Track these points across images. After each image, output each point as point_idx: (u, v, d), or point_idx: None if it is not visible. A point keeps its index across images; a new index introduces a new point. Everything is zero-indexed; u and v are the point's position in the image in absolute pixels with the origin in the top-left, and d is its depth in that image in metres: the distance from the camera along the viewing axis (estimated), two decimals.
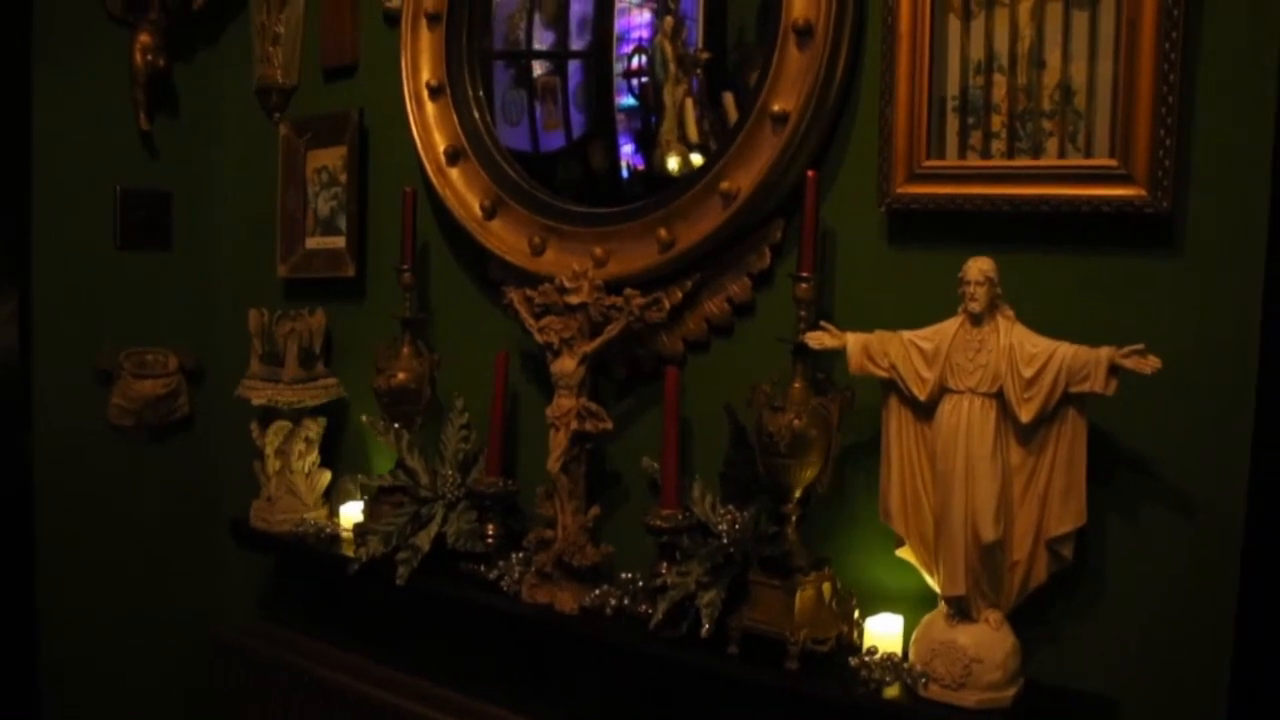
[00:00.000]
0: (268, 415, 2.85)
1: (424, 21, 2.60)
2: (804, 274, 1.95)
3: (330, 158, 2.93)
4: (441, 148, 2.56)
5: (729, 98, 2.27)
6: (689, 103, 2.32)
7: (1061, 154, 1.79)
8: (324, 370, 2.91)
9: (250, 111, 3.18)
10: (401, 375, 2.57)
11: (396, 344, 2.62)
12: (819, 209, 1.98)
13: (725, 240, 2.14)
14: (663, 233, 2.20)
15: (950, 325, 1.78)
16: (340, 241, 2.90)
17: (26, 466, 3.00)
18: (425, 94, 2.59)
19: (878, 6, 1.97)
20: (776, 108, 2.03)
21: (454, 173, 2.55)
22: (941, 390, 1.77)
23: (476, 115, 2.56)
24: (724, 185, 2.10)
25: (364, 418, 2.69)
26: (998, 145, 1.85)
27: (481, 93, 2.59)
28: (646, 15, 2.39)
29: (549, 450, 2.24)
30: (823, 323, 1.90)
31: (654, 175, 2.37)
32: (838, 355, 1.89)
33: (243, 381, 2.87)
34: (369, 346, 2.70)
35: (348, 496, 2.83)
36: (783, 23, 2.03)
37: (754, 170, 2.06)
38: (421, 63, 2.60)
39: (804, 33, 2.01)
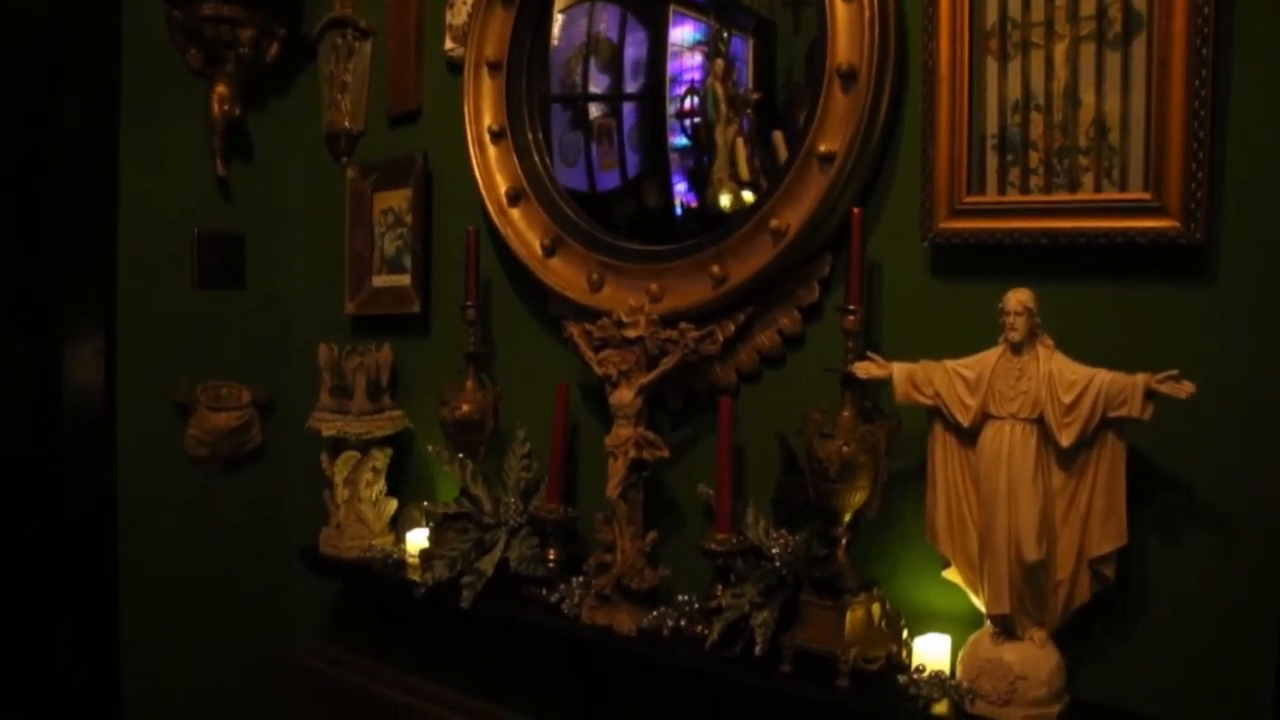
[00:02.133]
0: (337, 446, 2.99)
1: (485, 69, 2.75)
2: (851, 306, 2.05)
3: (396, 199, 3.09)
4: (503, 189, 2.70)
5: (779, 136, 2.37)
6: (740, 142, 2.44)
7: (1097, 188, 1.87)
8: (390, 403, 3.05)
9: (319, 156, 3.35)
10: (466, 407, 2.69)
11: (461, 377, 2.75)
12: (865, 244, 2.08)
13: (775, 275, 2.25)
14: (715, 269, 2.31)
15: (992, 354, 1.86)
16: (406, 279, 3.05)
17: (110, 497, 3.16)
18: (487, 138, 2.73)
19: (918, 50, 2.07)
20: (823, 148, 2.14)
21: (515, 213, 2.69)
22: (984, 416, 1.85)
23: (536, 158, 2.70)
24: (774, 223, 2.21)
25: (430, 447, 2.82)
26: (1036, 181, 1.94)
27: (540, 135, 2.73)
28: (698, 58, 2.51)
29: (608, 478, 2.35)
30: (870, 353, 2.00)
31: (706, 212, 2.48)
32: (884, 384, 1.99)
33: (313, 413, 3.01)
34: (434, 380, 2.83)
35: (413, 523, 2.96)
36: (827, 67, 2.14)
37: (802, 208, 2.17)
38: (483, 108, 2.75)
39: (848, 76, 2.12)
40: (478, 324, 2.74)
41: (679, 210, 2.57)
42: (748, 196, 2.40)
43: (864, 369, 1.99)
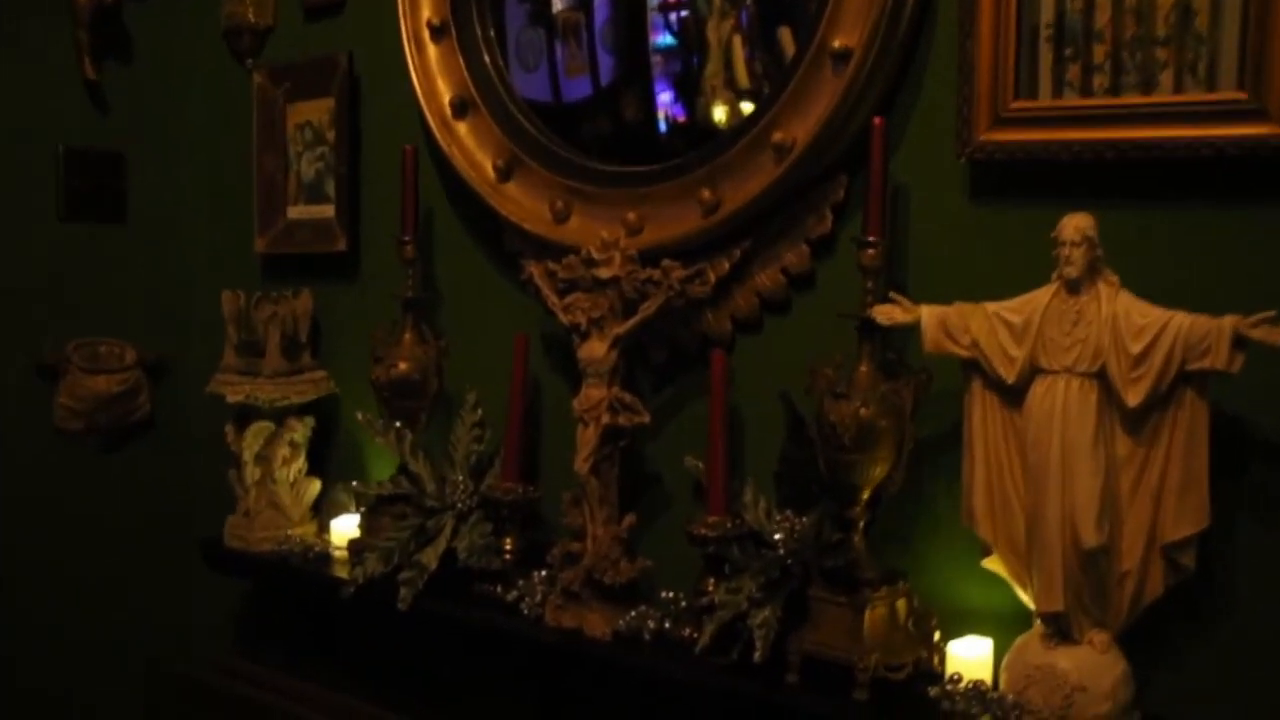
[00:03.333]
0: (245, 415, 2.98)
1: None
2: (871, 238, 2.03)
3: (315, 111, 3.05)
4: (447, 98, 2.68)
5: (785, 33, 2.34)
6: (737, 40, 2.41)
7: (1178, 88, 1.85)
8: (311, 361, 3.04)
9: (218, 56, 3.30)
10: (403, 365, 2.68)
11: (397, 329, 2.73)
12: (888, 162, 2.06)
13: (779, 201, 2.23)
14: (706, 193, 2.29)
15: (1042, 294, 1.85)
16: (328, 210, 3.02)
17: None
18: (426, 34, 2.70)
19: None
20: (837, 44, 2.11)
21: (462, 127, 2.67)
22: (1033, 371, 1.84)
23: (487, 59, 2.67)
24: (777, 136, 2.19)
25: (359, 416, 2.80)
26: (1100, 80, 1.92)
27: (492, 32, 2.70)
28: None
29: (576, 449, 2.34)
30: (893, 294, 1.99)
31: (697, 128, 2.46)
32: (911, 332, 1.98)
33: (215, 376, 2.99)
34: (364, 332, 2.82)
35: (340, 509, 2.96)
36: None
37: (811, 118, 2.15)
38: None
39: None
40: (417, 264, 2.73)
41: (663, 125, 2.54)
42: (747, 108, 2.37)
43: (886, 314, 1.98)
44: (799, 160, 2.17)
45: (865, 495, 2.06)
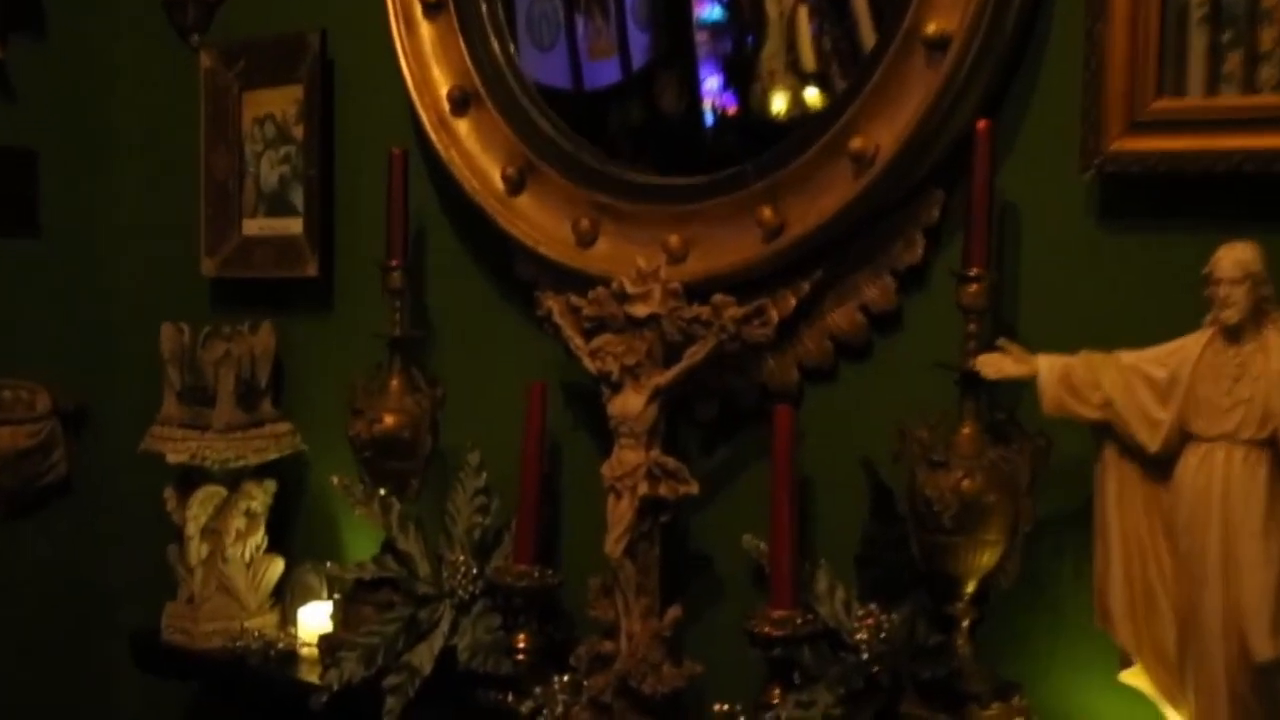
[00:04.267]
0: (190, 478, 2.99)
1: None
2: (973, 271, 2.04)
3: (278, 101, 3.08)
4: (444, 89, 2.69)
5: (860, 2, 2.35)
6: (803, 12, 2.43)
7: None
8: (273, 412, 3.05)
9: (156, 31, 3.34)
10: (389, 419, 2.69)
11: (381, 374, 2.75)
12: (995, 176, 2.07)
13: (858, 222, 2.24)
14: (767, 212, 2.30)
15: (1193, 343, 1.85)
16: (296, 225, 3.05)
17: None
18: (419, 10, 2.72)
19: None
20: (932, 29, 2.12)
21: (462, 126, 2.69)
22: (1182, 437, 1.84)
23: (494, 41, 2.69)
24: (855, 143, 2.19)
25: (335, 480, 2.80)
26: (1269, 73, 1.91)
27: (500, 7, 2.72)
28: None
29: (607, 526, 2.34)
30: (1002, 341, 1.99)
31: (751, 121, 2.48)
32: (1026, 387, 1.97)
33: (152, 429, 3.01)
34: (340, 377, 2.84)
35: (310, 595, 2.97)
36: None
37: (899, 121, 2.15)
38: None
39: None
40: (406, 294, 2.74)
41: (710, 117, 2.57)
42: (813, 98, 2.39)
43: (993, 365, 1.97)
44: (883, 173, 2.18)
45: (970, 587, 2.06)
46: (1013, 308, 2.14)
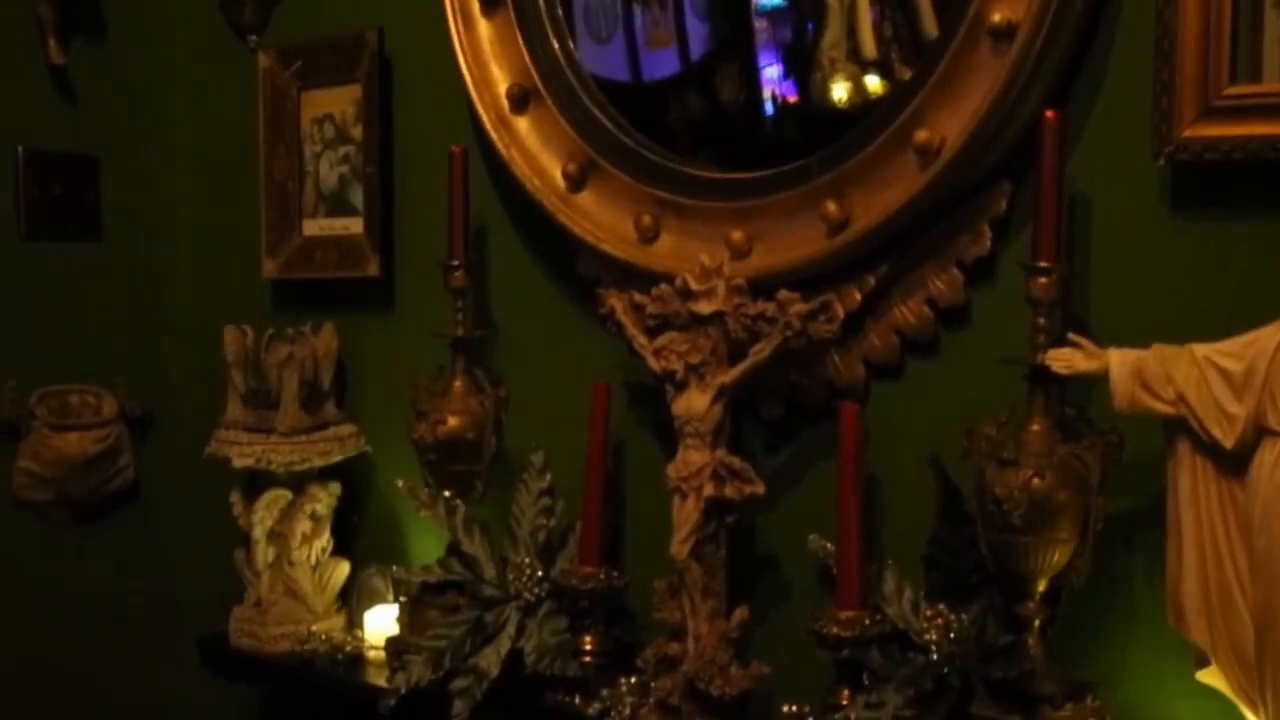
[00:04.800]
0: (256, 482, 3.03)
1: None
2: (1043, 263, 2.03)
3: (337, 101, 3.11)
4: (503, 87, 2.72)
5: None
6: (863, 0, 2.42)
7: None
8: (336, 414, 3.09)
9: (214, 32, 3.37)
10: (453, 421, 2.71)
11: (444, 375, 2.77)
12: (1063, 166, 2.06)
13: (924, 215, 2.24)
14: (831, 206, 2.30)
15: (1270, 335, 1.84)
16: (356, 225, 3.08)
17: None
18: (476, 7, 2.75)
19: None
20: (997, 17, 2.11)
21: (522, 124, 2.71)
22: (1258, 433, 1.83)
23: (553, 37, 2.71)
24: (921, 135, 2.19)
25: (399, 483, 2.83)
26: None
27: (557, 1, 2.74)
28: None
29: (673, 527, 2.35)
30: (1072, 335, 1.99)
31: (812, 110, 2.49)
32: (1097, 383, 1.97)
33: (217, 434, 3.04)
34: (403, 379, 2.86)
35: (375, 598, 3.00)
36: None
37: (965, 111, 2.15)
38: None
39: None
40: (468, 293, 2.77)
41: (769, 107, 2.57)
42: (874, 85, 2.39)
43: (1064, 360, 1.97)
44: (950, 164, 2.18)
45: (1041, 586, 2.05)
46: (1083, 300, 2.14)
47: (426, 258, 2.89)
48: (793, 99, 2.54)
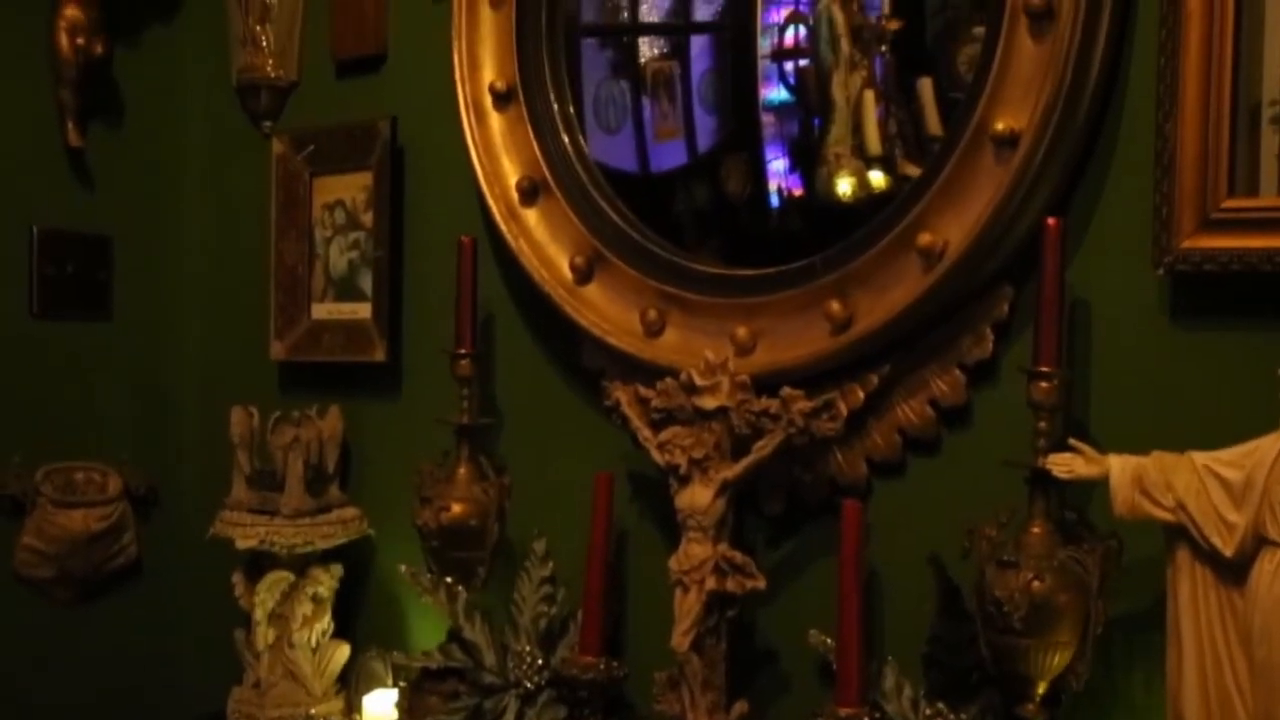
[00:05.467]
0: (258, 563, 3.04)
1: None
2: (1044, 368, 2.06)
3: (348, 188, 3.16)
4: (513, 179, 2.77)
5: (926, 86, 2.42)
6: (869, 97, 2.48)
7: None
8: (340, 496, 3.11)
9: (229, 119, 3.43)
10: (456, 508, 2.72)
11: (449, 461, 2.79)
12: (1064, 272, 2.09)
13: (927, 317, 2.28)
14: (835, 306, 2.34)
15: (1269, 444, 1.86)
16: (364, 310, 3.11)
17: None
18: (488, 101, 2.80)
19: None
20: (1000, 126, 2.16)
21: (531, 215, 2.75)
22: (1258, 542, 1.85)
23: (564, 133, 2.76)
24: (924, 238, 2.23)
25: (402, 569, 2.85)
26: None
27: (568, 94, 2.79)
28: None
29: (674, 619, 2.36)
30: (1073, 440, 2.02)
31: (816, 204, 2.53)
32: (1097, 487, 2.00)
33: (221, 514, 3.05)
34: (408, 464, 2.87)
35: (374, 682, 3.00)
36: (1009, 1, 2.16)
37: (968, 216, 2.19)
38: (482, 55, 2.82)
39: (1041, 15, 2.14)
40: (474, 382, 2.79)
41: (775, 200, 2.62)
42: (878, 181, 2.44)
43: (1065, 464, 2.00)
44: (952, 268, 2.21)
45: (1041, 689, 2.06)
46: (1084, 405, 2.16)
47: (433, 344, 2.92)
48: (798, 192, 2.59)
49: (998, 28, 2.18)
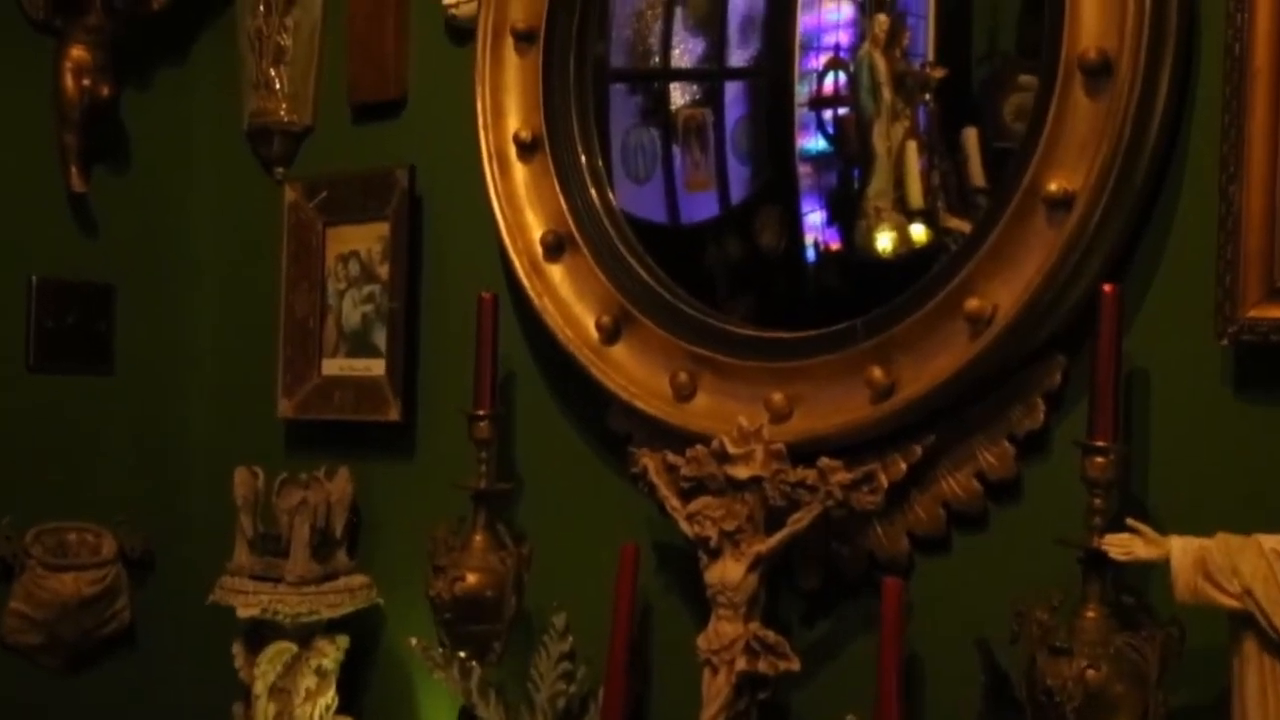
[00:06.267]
0: (260, 632, 3.03)
1: (510, 42, 2.83)
2: (1099, 442, 2.03)
3: (363, 239, 3.16)
4: (537, 233, 2.77)
5: (971, 136, 2.41)
6: (912, 148, 2.47)
7: None
8: (348, 563, 3.10)
9: (238, 165, 3.44)
10: (472, 578, 2.71)
11: (464, 529, 2.78)
12: (1121, 340, 2.07)
13: (974, 385, 2.26)
14: (877, 372, 2.32)
15: None
16: (378, 366, 3.11)
17: None
18: (513, 152, 2.81)
19: (1216, 24, 2.08)
20: (1054, 186, 2.14)
21: (556, 271, 2.75)
22: None
23: (591, 186, 2.76)
24: (972, 303, 2.22)
25: (413, 642, 2.84)
26: None
27: (596, 145, 2.80)
28: (847, 11, 2.55)
29: (703, 701, 2.34)
30: (1131, 521, 1.99)
31: (855, 259, 2.53)
32: (1156, 570, 1.97)
33: (222, 580, 3.05)
34: (420, 530, 2.86)
35: None
36: (1064, 54, 2.16)
37: (1019, 281, 2.18)
38: (507, 104, 2.83)
39: (1097, 71, 2.12)
40: (493, 445, 2.77)
41: (811, 254, 2.61)
42: (919, 235, 2.44)
43: (1122, 546, 1.97)
44: (1002, 335, 2.19)
45: None
46: (1142, 481, 2.14)
47: (450, 404, 2.92)
48: (835, 247, 2.59)
49: (1051, 83, 2.17)
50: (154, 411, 3.52)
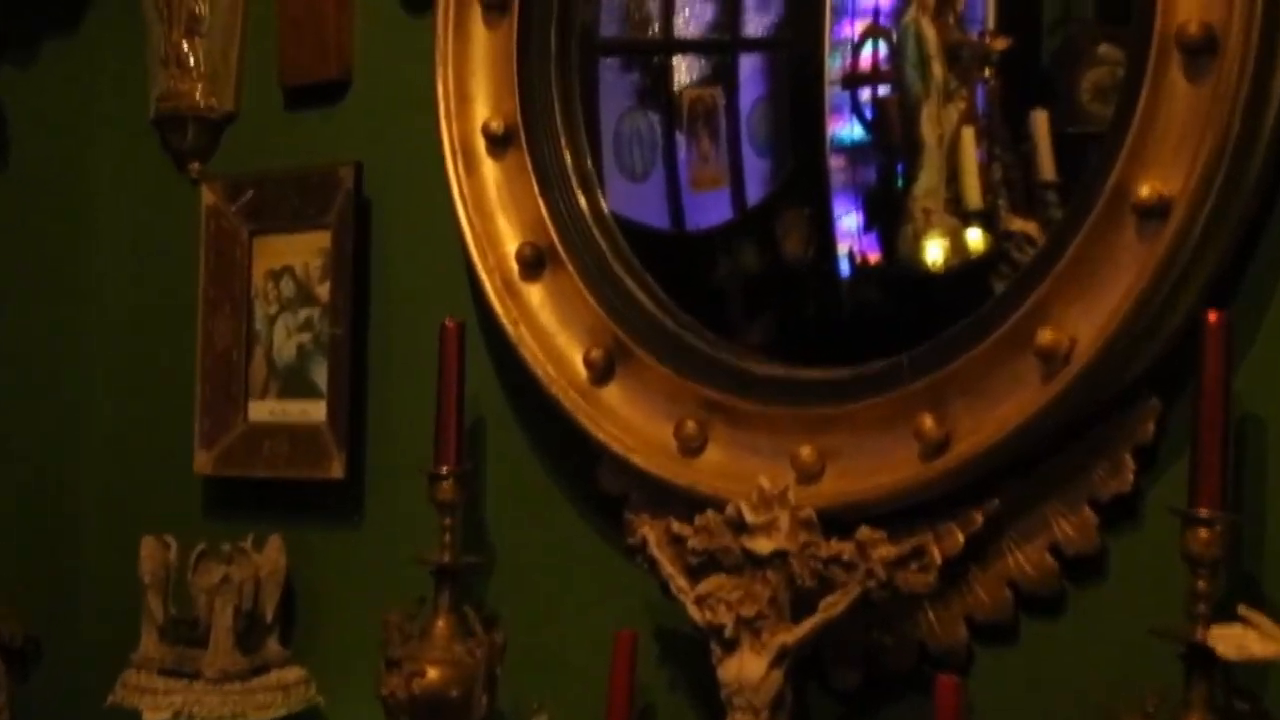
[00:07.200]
0: None
1: (477, 11, 2.84)
2: (1203, 509, 2.02)
3: (299, 251, 3.17)
4: (512, 245, 2.78)
5: (1040, 120, 2.41)
6: (968, 135, 2.48)
7: None
8: (282, 654, 3.09)
9: (144, 160, 3.46)
10: (433, 673, 2.70)
11: (425, 612, 2.78)
12: (1230, 381, 2.06)
13: (1048, 438, 2.26)
14: (928, 421, 2.32)
15: None
16: (318, 410, 3.11)
17: None
18: (482, 146, 2.82)
19: None
20: (1146, 191, 2.14)
21: (534, 292, 2.76)
22: None
23: (578, 189, 2.77)
24: (1044, 335, 2.21)
25: None
26: None
27: (584, 138, 2.81)
28: None
29: None
30: (1244, 609, 1.98)
31: (898, 273, 2.54)
32: (1276, 670, 1.98)
33: (124, 675, 3.06)
34: (370, 614, 2.86)
35: None
36: (1157, 29, 2.16)
37: (1102, 308, 2.17)
38: (474, 86, 2.84)
39: (1199, 49, 2.13)
40: (458, 509, 2.78)
41: (845, 266, 2.62)
42: (976, 243, 2.44)
43: (1233, 641, 1.95)
44: (1082, 374, 2.19)
45: None
46: (1257, 559, 2.14)
47: (405, 458, 2.93)
48: (874, 257, 2.60)
49: (1142, 63, 2.17)
50: (41, 467, 3.52)
